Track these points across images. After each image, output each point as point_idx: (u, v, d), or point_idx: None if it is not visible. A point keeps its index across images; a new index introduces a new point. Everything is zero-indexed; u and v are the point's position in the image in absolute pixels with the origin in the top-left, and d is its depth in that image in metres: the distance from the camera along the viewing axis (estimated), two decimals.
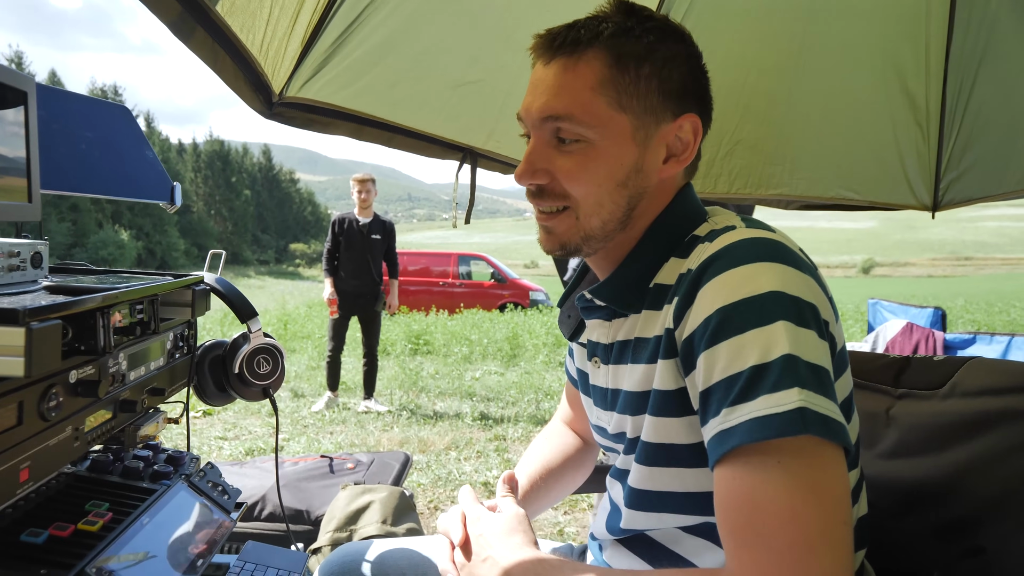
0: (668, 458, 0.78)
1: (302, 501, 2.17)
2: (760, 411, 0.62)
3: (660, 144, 0.81)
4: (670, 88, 0.80)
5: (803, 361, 0.63)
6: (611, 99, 0.77)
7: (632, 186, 0.80)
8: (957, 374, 0.98)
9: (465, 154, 1.70)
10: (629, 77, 0.78)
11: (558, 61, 0.79)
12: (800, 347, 0.64)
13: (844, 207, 2.13)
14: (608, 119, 0.77)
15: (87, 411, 0.83)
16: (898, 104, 1.94)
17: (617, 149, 0.78)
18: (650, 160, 0.81)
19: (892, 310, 2.93)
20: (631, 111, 0.78)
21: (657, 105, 0.79)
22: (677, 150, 0.82)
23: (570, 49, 0.78)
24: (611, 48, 0.78)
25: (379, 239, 4.86)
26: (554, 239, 0.84)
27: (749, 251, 0.71)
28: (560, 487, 1.14)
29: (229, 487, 1.03)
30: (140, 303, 0.92)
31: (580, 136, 0.78)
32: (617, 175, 0.79)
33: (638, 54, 0.78)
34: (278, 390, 1.20)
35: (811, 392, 0.62)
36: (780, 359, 0.63)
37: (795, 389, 0.61)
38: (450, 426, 4.53)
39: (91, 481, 0.89)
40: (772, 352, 0.64)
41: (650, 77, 0.78)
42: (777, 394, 0.62)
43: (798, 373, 0.62)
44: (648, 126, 0.79)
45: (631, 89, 0.78)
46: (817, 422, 0.61)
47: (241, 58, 1.12)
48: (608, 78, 0.77)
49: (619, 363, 0.86)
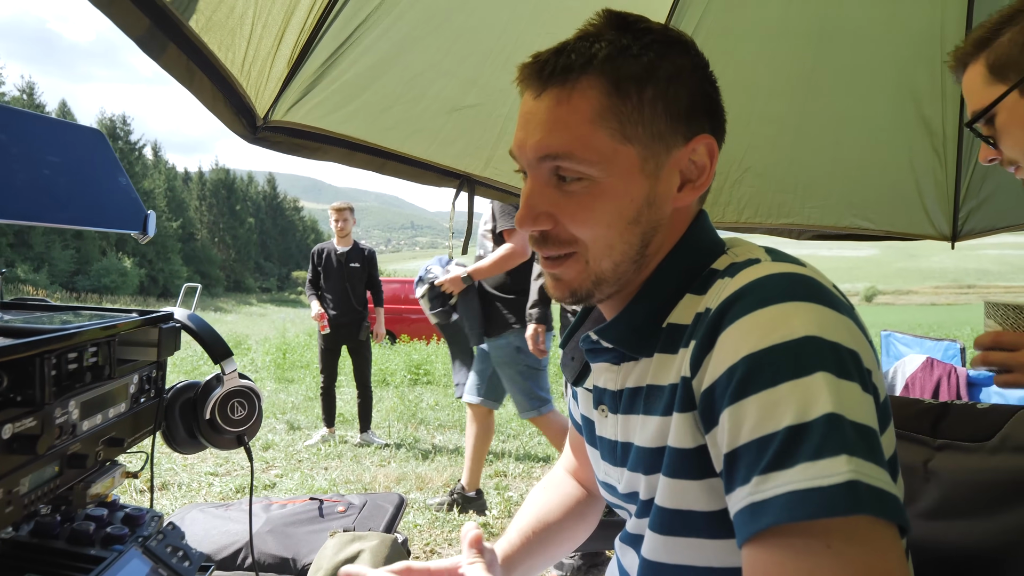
0: (685, 527, 0.68)
1: (288, 548, 2.04)
2: (801, 483, 0.52)
3: (673, 171, 0.72)
4: (678, 109, 0.70)
5: (848, 421, 0.53)
6: (613, 130, 0.68)
7: (644, 222, 0.71)
8: (1008, 425, 0.87)
9: (462, 181, 1.62)
10: (631, 103, 0.68)
11: (550, 93, 0.69)
12: (844, 404, 0.54)
13: (858, 237, 2.04)
14: (612, 153, 0.68)
15: (24, 470, 0.73)
16: (914, 129, 1.87)
17: (625, 185, 0.69)
18: (663, 191, 0.71)
19: (907, 343, 2.82)
20: (637, 141, 0.69)
21: (666, 130, 0.70)
22: (692, 175, 0.73)
23: (561, 78, 0.69)
24: (608, 73, 0.68)
25: (358, 267, 4.84)
26: (563, 286, 0.75)
27: (778, 288, 0.61)
28: (559, 543, 1.03)
29: (191, 551, 0.92)
30: (95, 345, 0.83)
31: (582, 174, 0.69)
32: (627, 213, 0.70)
33: (639, 76, 0.68)
34: (254, 437, 1.10)
35: (861, 460, 0.52)
36: (822, 419, 0.53)
37: (843, 457, 0.51)
38: (449, 461, 4.39)
39: (31, 548, 0.79)
40: (812, 410, 0.53)
41: (655, 100, 0.69)
42: (821, 462, 0.51)
43: (844, 436, 0.52)
44: (658, 155, 0.70)
45: (635, 116, 0.68)
46: (872, 499, 0.50)
47: (220, 78, 1.05)
48: (608, 107, 0.68)
49: (629, 413, 0.75)
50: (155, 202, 50.77)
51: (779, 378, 0.56)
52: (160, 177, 55.99)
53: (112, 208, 1.11)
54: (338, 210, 4.84)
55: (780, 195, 2.00)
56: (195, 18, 0.90)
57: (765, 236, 2.09)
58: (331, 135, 1.34)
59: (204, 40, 0.94)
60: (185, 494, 3.58)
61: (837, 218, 2.01)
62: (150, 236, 1.14)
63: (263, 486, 3.78)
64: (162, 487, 3.67)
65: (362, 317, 4.80)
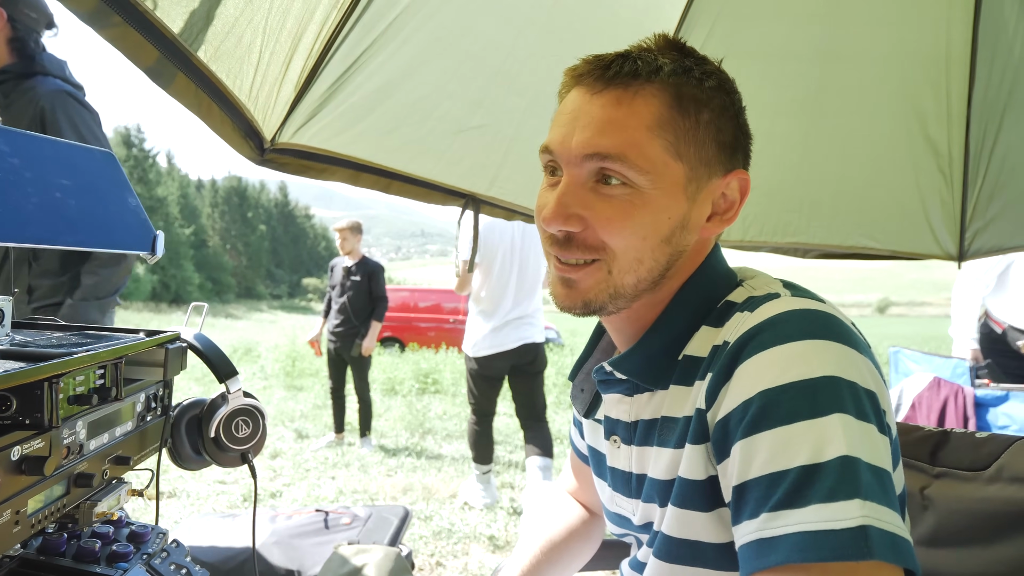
0: (691, 556, 0.68)
1: (294, 560, 2.06)
2: (812, 524, 0.52)
3: (707, 200, 0.72)
4: (725, 140, 0.72)
5: (864, 464, 0.54)
6: (668, 143, 0.68)
7: (675, 243, 0.71)
8: (1004, 455, 0.88)
9: (467, 201, 1.64)
10: (689, 122, 0.69)
11: (610, 92, 0.69)
12: (860, 446, 0.54)
13: (865, 256, 2.04)
14: (663, 166, 0.68)
15: (31, 491, 0.74)
16: (920, 150, 1.87)
17: (668, 200, 0.69)
18: (695, 217, 0.72)
19: (916, 360, 2.80)
20: (687, 160, 0.69)
21: (712, 157, 0.71)
22: (721, 208, 0.74)
23: (627, 80, 0.68)
24: (672, 86, 0.69)
25: (359, 280, 4.90)
26: (576, 295, 0.72)
27: (798, 325, 0.61)
28: (565, 563, 1.03)
29: (194, 569, 0.93)
30: (102, 367, 0.85)
31: (629, 181, 0.68)
32: (663, 230, 0.70)
33: (699, 98, 0.69)
34: (258, 454, 1.11)
35: (875, 504, 0.52)
36: (836, 461, 0.53)
37: (856, 501, 0.52)
38: (456, 472, 4.39)
39: (38, 566, 0.81)
40: (827, 451, 0.54)
41: (708, 125, 0.70)
42: (834, 505, 0.52)
43: (858, 480, 0.53)
44: (700, 178, 0.71)
45: (690, 136, 0.69)
46: (884, 544, 0.51)
47: (228, 104, 1.07)
48: (667, 119, 0.68)
49: (644, 445, 0.75)
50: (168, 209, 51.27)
51: (796, 416, 0.56)
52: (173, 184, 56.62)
53: (122, 229, 1.13)
54: (339, 230, 4.97)
55: (786, 214, 2.00)
56: (203, 49, 0.93)
57: (771, 255, 2.10)
58: (338, 156, 1.37)
59: (212, 69, 0.97)
60: (193, 503, 3.60)
61: (843, 237, 2.01)
62: (158, 257, 1.17)
63: (269, 495, 3.80)
64: (171, 495, 3.69)
65: (357, 332, 4.86)
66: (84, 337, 0.94)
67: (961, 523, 0.90)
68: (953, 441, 0.96)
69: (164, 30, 0.84)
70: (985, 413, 2.22)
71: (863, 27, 1.75)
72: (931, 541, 0.92)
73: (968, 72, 1.77)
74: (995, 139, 1.81)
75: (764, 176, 1.93)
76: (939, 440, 0.97)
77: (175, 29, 0.86)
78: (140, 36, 0.83)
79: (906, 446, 0.99)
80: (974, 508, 0.89)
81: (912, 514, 0.95)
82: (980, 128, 1.81)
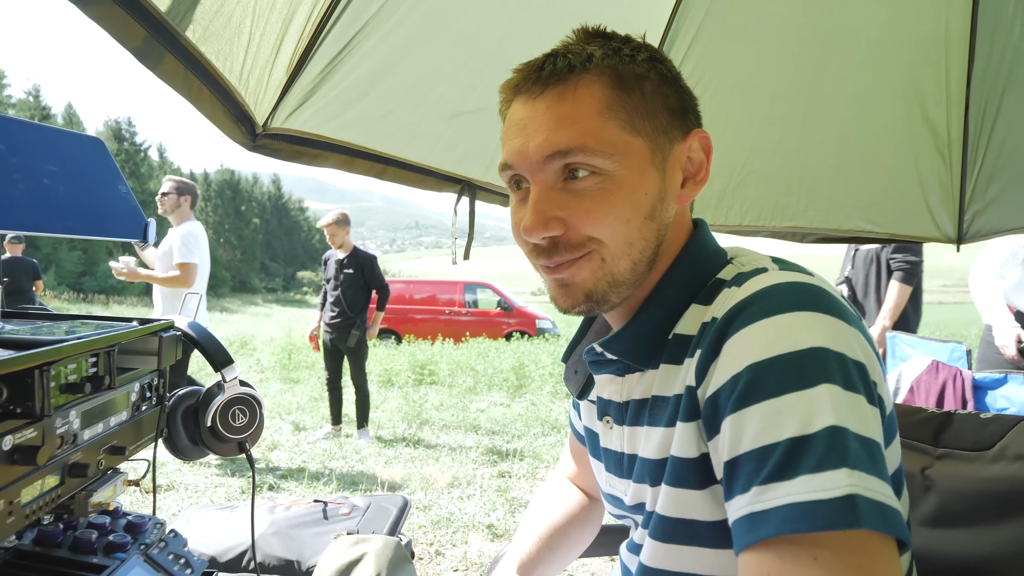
0: (687, 535, 0.68)
1: (293, 550, 2.05)
2: (801, 495, 0.52)
3: (676, 167, 0.72)
4: (673, 105, 0.72)
5: (852, 434, 0.53)
6: (622, 122, 0.68)
7: (659, 218, 0.71)
8: (1008, 435, 0.87)
9: (463, 186, 1.62)
10: (635, 97, 0.69)
11: (552, 91, 0.69)
12: (848, 417, 0.54)
13: (863, 240, 2.03)
14: (624, 144, 0.68)
15: (25, 481, 0.73)
16: (919, 132, 1.85)
17: (640, 177, 0.69)
18: (670, 186, 0.72)
19: (912, 344, 2.80)
20: (645, 134, 0.69)
21: (667, 124, 0.71)
22: (691, 171, 0.74)
23: (563, 76, 0.68)
24: (609, 69, 0.69)
25: (351, 272, 4.91)
26: (575, 290, 0.71)
27: (786, 298, 0.61)
28: (567, 548, 1.03)
29: (193, 558, 0.92)
30: (94, 355, 0.83)
31: (596, 168, 0.67)
32: (643, 206, 0.69)
33: (637, 73, 0.70)
34: (256, 443, 1.10)
35: (863, 473, 0.52)
36: (824, 431, 0.53)
37: (843, 470, 0.51)
38: (453, 461, 4.39)
39: (33, 557, 0.79)
40: (815, 422, 0.53)
41: (654, 95, 0.70)
42: (822, 475, 0.51)
43: (847, 450, 0.52)
44: (663, 148, 0.71)
45: (640, 109, 0.69)
46: (871, 512, 0.50)
47: (219, 87, 1.05)
48: (614, 100, 0.68)
49: (635, 425, 0.75)
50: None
51: (783, 388, 0.56)
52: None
53: (112, 216, 1.11)
54: (325, 226, 4.97)
55: (784, 198, 1.99)
56: (192, 28, 0.90)
57: (769, 239, 2.08)
58: (331, 142, 1.35)
59: (201, 50, 0.94)
60: (191, 494, 3.59)
61: (841, 221, 2.00)
62: (150, 244, 1.15)
63: (267, 487, 3.80)
64: (168, 487, 3.68)
65: (352, 323, 4.85)
66: (75, 325, 0.92)
67: (964, 503, 0.89)
68: (956, 422, 0.96)
69: (150, 8, 0.82)
70: (984, 396, 2.22)
71: (862, 8, 1.73)
72: (934, 521, 0.92)
73: (967, 53, 1.76)
74: (994, 120, 1.80)
75: (762, 160, 1.92)
76: (942, 421, 0.97)
77: (162, 7, 0.83)
78: (125, 14, 0.80)
79: (909, 428, 0.99)
80: (977, 488, 0.88)
81: (915, 494, 0.94)
82: (979, 109, 1.80)
